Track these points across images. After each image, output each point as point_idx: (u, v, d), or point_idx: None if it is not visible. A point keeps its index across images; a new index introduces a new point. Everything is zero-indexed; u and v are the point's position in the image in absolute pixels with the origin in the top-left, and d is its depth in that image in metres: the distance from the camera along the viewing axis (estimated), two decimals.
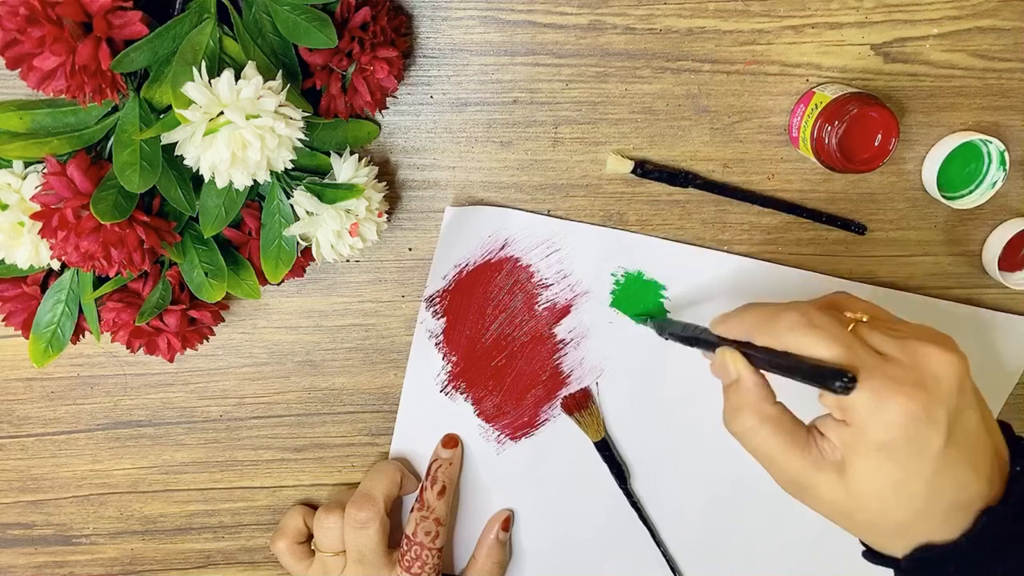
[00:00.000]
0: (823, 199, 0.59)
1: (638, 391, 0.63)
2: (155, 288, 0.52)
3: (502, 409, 0.63)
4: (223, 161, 0.44)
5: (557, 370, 0.62)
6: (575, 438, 0.64)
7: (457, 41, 0.55)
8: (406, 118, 0.56)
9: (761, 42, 0.56)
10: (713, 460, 0.65)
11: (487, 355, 0.61)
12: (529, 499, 0.65)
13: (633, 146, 0.57)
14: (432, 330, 0.61)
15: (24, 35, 0.40)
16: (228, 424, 0.63)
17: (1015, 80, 0.58)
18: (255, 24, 0.47)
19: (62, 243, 0.45)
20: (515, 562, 0.67)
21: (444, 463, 0.62)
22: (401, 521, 0.65)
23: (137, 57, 0.44)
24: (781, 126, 0.58)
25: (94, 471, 0.64)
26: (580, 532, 0.66)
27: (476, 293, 0.60)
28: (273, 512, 0.66)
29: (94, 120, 0.48)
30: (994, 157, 0.56)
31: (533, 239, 0.59)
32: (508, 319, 0.61)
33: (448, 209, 0.57)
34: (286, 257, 0.51)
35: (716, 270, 0.60)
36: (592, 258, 0.59)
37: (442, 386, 0.62)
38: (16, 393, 0.62)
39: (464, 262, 0.59)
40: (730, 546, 0.68)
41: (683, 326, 0.55)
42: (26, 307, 0.52)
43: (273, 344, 0.61)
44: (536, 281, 0.60)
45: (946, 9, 0.56)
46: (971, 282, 0.62)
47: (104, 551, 0.66)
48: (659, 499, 0.66)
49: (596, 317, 0.61)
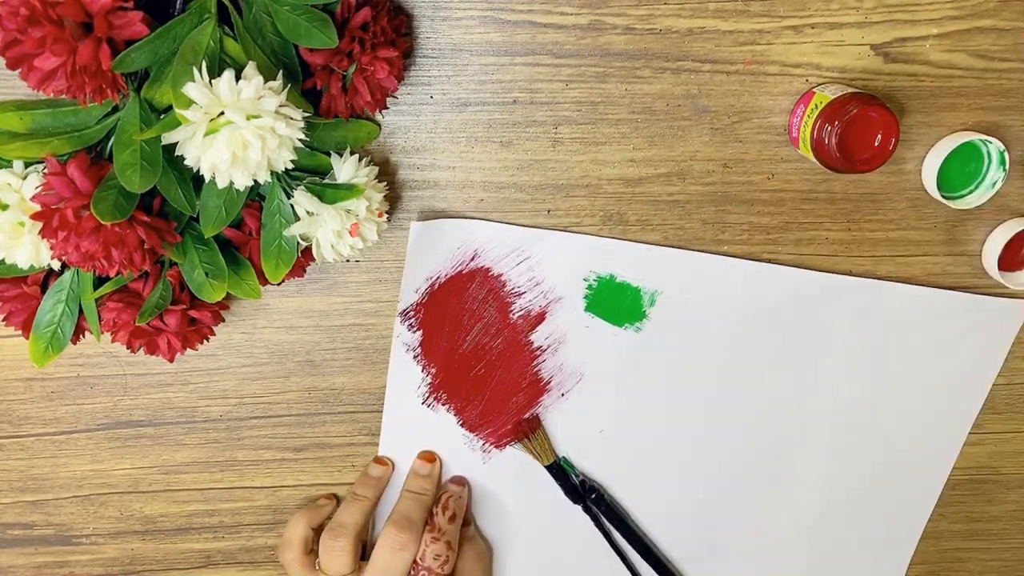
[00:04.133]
0: (823, 199, 0.59)
1: (619, 394, 0.63)
2: (155, 288, 0.52)
3: (485, 418, 0.63)
4: (224, 161, 0.44)
5: (537, 376, 0.62)
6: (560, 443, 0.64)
7: (457, 41, 0.55)
8: (406, 118, 0.56)
9: (761, 42, 0.56)
10: (698, 459, 0.65)
11: (466, 365, 0.62)
12: (519, 506, 0.65)
13: (633, 146, 0.58)
14: (409, 343, 0.61)
15: (25, 35, 0.40)
16: (228, 424, 0.63)
17: (1015, 80, 0.58)
18: (255, 24, 0.47)
19: (62, 243, 0.45)
20: (508, 569, 0.67)
21: (455, 494, 0.62)
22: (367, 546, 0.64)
23: (138, 57, 0.44)
24: (781, 126, 0.58)
25: (94, 471, 0.64)
26: (572, 537, 0.66)
27: (450, 305, 0.60)
28: (273, 512, 0.66)
29: (94, 120, 0.48)
30: (994, 157, 0.56)
31: (502, 248, 0.59)
32: (484, 329, 0.61)
33: (414, 224, 0.57)
34: (286, 257, 0.51)
35: (691, 270, 0.60)
36: (563, 264, 0.59)
37: (423, 398, 0.62)
38: (16, 393, 0.62)
39: (435, 275, 0.59)
40: (724, 543, 0.68)
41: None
42: (26, 307, 0.52)
43: (273, 344, 0.61)
44: (509, 290, 0.60)
45: (946, 9, 0.56)
46: (971, 282, 0.62)
47: (104, 551, 0.66)
48: (647, 501, 0.66)
49: (572, 322, 0.61)
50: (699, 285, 0.60)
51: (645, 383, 0.63)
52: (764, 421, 0.65)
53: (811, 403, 0.64)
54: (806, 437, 0.65)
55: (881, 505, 0.68)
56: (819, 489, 0.67)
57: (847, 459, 0.66)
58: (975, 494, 0.69)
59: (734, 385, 0.63)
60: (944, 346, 0.63)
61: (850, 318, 0.62)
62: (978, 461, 0.68)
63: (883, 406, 0.65)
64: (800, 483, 0.67)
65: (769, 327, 0.62)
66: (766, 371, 0.63)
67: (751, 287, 0.61)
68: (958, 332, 0.63)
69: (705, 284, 0.60)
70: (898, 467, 0.67)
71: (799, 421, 0.65)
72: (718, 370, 0.63)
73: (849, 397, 0.64)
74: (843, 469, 0.66)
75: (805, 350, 0.63)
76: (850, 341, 0.63)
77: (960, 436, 0.66)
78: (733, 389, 0.64)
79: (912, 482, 0.68)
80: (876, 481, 0.67)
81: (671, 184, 0.59)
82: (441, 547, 0.59)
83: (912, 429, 0.66)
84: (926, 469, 0.67)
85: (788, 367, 0.63)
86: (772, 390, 0.64)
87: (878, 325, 0.62)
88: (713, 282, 0.60)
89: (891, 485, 0.67)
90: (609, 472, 0.65)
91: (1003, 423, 0.67)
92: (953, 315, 0.62)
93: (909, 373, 0.64)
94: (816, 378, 0.64)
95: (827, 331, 0.62)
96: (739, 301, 0.61)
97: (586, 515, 0.65)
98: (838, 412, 0.65)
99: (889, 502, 0.68)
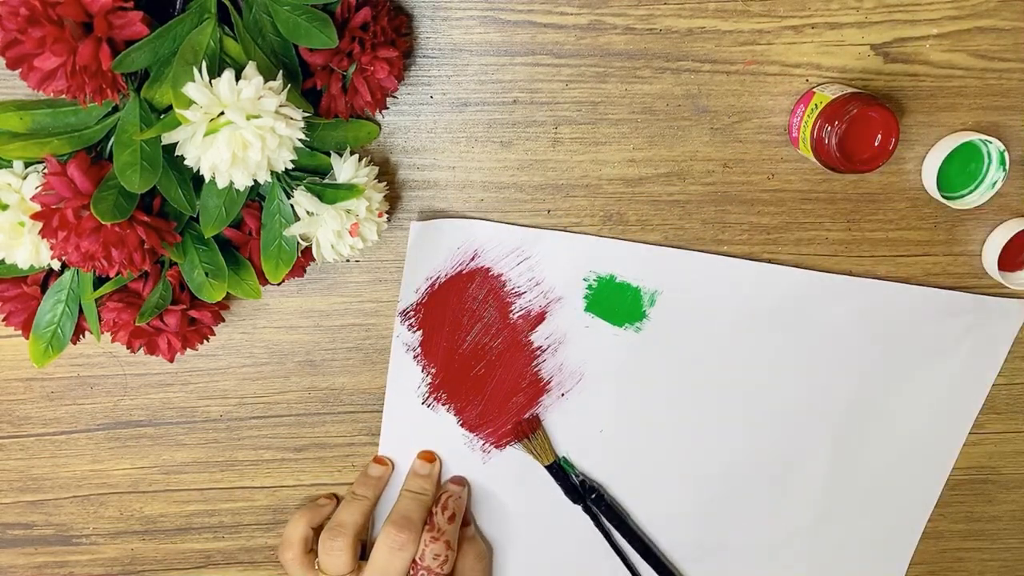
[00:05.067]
0: (823, 199, 0.59)
1: (619, 394, 0.63)
2: (155, 288, 0.52)
3: (485, 418, 0.63)
4: (224, 161, 0.44)
5: (537, 376, 0.62)
6: (560, 443, 0.64)
7: (457, 41, 0.55)
8: (406, 118, 0.56)
9: (761, 42, 0.56)
10: (700, 458, 0.65)
11: (466, 365, 0.62)
12: (519, 506, 0.65)
13: (633, 146, 0.58)
14: (409, 343, 0.61)
15: (25, 35, 0.40)
16: (228, 424, 0.63)
17: (1015, 80, 0.58)
18: (255, 24, 0.47)
19: (62, 243, 0.45)
20: (508, 569, 0.67)
21: (455, 494, 0.62)
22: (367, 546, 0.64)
23: (138, 57, 0.44)
24: (781, 126, 0.58)
25: (94, 471, 0.64)
26: (572, 537, 0.66)
27: (450, 305, 0.60)
28: (273, 512, 0.66)
29: (94, 120, 0.48)
30: (994, 157, 0.56)
31: (502, 248, 0.59)
32: (484, 329, 0.61)
33: (414, 224, 0.57)
34: (286, 257, 0.51)
35: (691, 270, 0.60)
36: (562, 264, 0.59)
37: (423, 398, 0.62)
38: (16, 393, 0.62)
39: (436, 275, 0.59)
40: (724, 543, 0.68)
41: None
42: (26, 307, 0.52)
43: (273, 344, 0.61)
44: (509, 290, 0.60)
45: (946, 9, 0.56)
46: (971, 282, 0.62)
47: (104, 551, 0.66)
48: (647, 501, 0.66)
49: (572, 323, 0.61)
50: (699, 285, 0.60)
51: (645, 383, 0.63)
52: (764, 421, 0.65)
53: (811, 403, 0.64)
54: (806, 437, 0.65)
55: (881, 505, 0.68)
56: (819, 489, 0.67)
57: (847, 459, 0.66)
58: (975, 494, 0.69)
59: (734, 385, 0.63)
60: (944, 346, 0.63)
61: (850, 318, 0.62)
62: (978, 461, 0.68)
63: (883, 406, 0.65)
64: (800, 483, 0.67)
65: (769, 327, 0.62)
66: (766, 371, 0.63)
67: (751, 287, 0.61)
68: (958, 332, 0.63)
69: (705, 284, 0.60)
70: (898, 467, 0.67)
71: (799, 421, 0.65)
72: (718, 370, 0.63)
73: (849, 397, 0.64)
74: (843, 469, 0.66)
75: (805, 350, 0.63)
76: (850, 341, 0.63)
77: (960, 436, 0.66)
78: (733, 389, 0.64)
79: (912, 482, 0.68)
80: (876, 481, 0.67)
81: (671, 184, 0.59)
82: (441, 547, 0.59)
83: (912, 429, 0.66)
84: (926, 469, 0.67)
85: (788, 367, 0.63)
86: (772, 390, 0.64)
87: (878, 325, 0.62)
88: (713, 282, 0.60)
89: (891, 485, 0.67)
90: (609, 472, 0.65)
91: (1003, 423, 0.67)
92: (953, 315, 0.62)
93: (909, 373, 0.64)
94: (816, 378, 0.64)
95: (827, 331, 0.62)
96: (739, 301, 0.61)
97: (586, 515, 0.65)
98: (838, 412, 0.65)
99: (889, 502, 0.68)
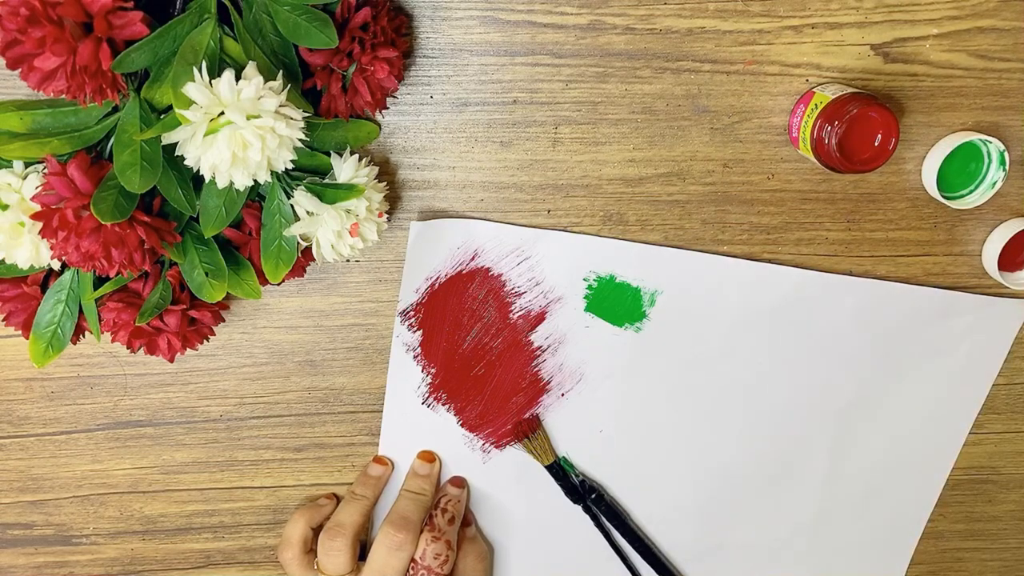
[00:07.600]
0: (823, 199, 0.59)
1: (619, 394, 0.63)
2: (155, 288, 0.52)
3: (485, 418, 0.63)
4: (224, 161, 0.44)
5: (537, 376, 0.62)
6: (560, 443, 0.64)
7: (457, 41, 0.55)
8: (406, 118, 0.56)
9: (761, 42, 0.56)
10: (700, 458, 0.65)
11: (466, 365, 0.62)
12: (519, 506, 0.65)
13: (633, 146, 0.58)
14: (409, 343, 0.61)
15: (25, 35, 0.40)
16: (228, 424, 0.63)
17: (1015, 80, 0.58)
18: (255, 24, 0.47)
19: (62, 243, 0.45)
20: (508, 569, 0.67)
21: (454, 498, 0.62)
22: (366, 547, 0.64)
23: (138, 57, 0.44)
24: (781, 126, 0.58)
25: (94, 471, 0.64)
26: (572, 537, 0.66)
27: (450, 305, 0.60)
28: (273, 512, 0.66)
29: (94, 120, 0.48)
30: (994, 157, 0.56)
31: (502, 248, 0.59)
32: (484, 328, 0.61)
33: (414, 224, 0.58)
34: (286, 257, 0.51)
35: (691, 270, 0.60)
36: (563, 264, 0.60)
37: (423, 398, 0.62)
38: (16, 393, 0.62)
39: (436, 275, 0.59)
40: (724, 543, 0.68)
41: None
42: (26, 307, 0.52)
43: (273, 344, 0.61)
44: (509, 290, 0.60)
45: (946, 9, 0.56)
46: (971, 282, 0.62)
47: (104, 551, 0.66)
48: (647, 501, 0.66)
49: (572, 323, 0.61)
50: (699, 285, 0.60)
51: (645, 383, 0.63)
52: (764, 421, 0.65)
53: (811, 403, 0.64)
54: (806, 437, 0.65)
55: (881, 505, 0.68)
56: (819, 489, 0.67)
57: (847, 459, 0.66)
58: (975, 494, 0.69)
59: (734, 385, 0.63)
60: (944, 346, 0.63)
61: (850, 318, 0.62)
62: (978, 461, 0.68)
63: (883, 406, 0.65)
64: (800, 483, 0.67)
65: (769, 327, 0.62)
66: (766, 371, 0.63)
67: (751, 287, 0.61)
68: (958, 332, 0.63)
69: (705, 284, 0.60)
70: (898, 467, 0.67)
71: (799, 421, 0.65)
72: (718, 370, 0.63)
73: (849, 397, 0.64)
74: (843, 469, 0.66)
75: (805, 350, 0.63)
76: (850, 341, 0.63)
77: (960, 436, 0.66)
78: (733, 389, 0.64)
79: (912, 482, 0.68)
80: (876, 481, 0.67)
81: (671, 184, 0.59)
82: (441, 546, 0.59)
83: (912, 429, 0.66)
84: (926, 469, 0.67)
85: (788, 367, 0.63)
86: (772, 390, 0.64)
87: (878, 325, 0.62)
88: (713, 282, 0.60)
89: (891, 485, 0.67)
90: (609, 472, 0.65)
91: (1003, 423, 0.67)
92: (953, 315, 0.62)
93: (909, 373, 0.64)
94: (816, 378, 0.64)
95: (827, 331, 0.62)
96: (739, 301, 0.61)
97: (586, 515, 0.65)
98: (838, 412, 0.65)
99: (889, 502, 0.68)
